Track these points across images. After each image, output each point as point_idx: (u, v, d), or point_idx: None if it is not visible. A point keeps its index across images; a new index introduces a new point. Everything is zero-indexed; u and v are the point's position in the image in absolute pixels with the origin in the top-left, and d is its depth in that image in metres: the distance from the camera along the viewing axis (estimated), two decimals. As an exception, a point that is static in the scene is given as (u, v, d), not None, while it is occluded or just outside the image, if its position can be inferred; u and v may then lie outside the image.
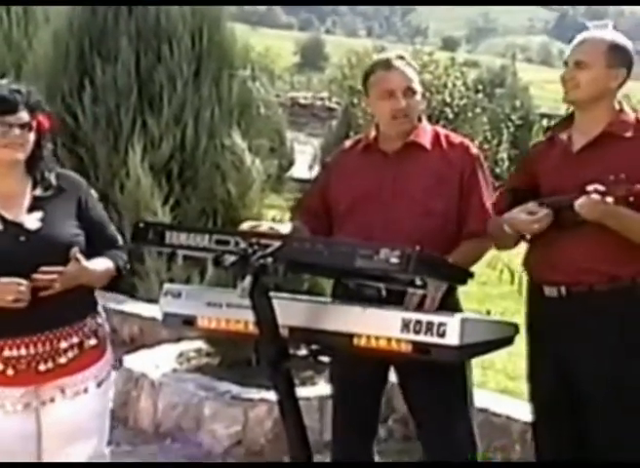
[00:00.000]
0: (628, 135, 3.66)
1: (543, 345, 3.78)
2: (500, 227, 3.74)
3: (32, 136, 3.33)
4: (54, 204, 3.39)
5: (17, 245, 3.28)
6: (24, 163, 3.37)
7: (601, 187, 3.45)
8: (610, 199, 3.44)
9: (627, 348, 3.69)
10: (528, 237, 3.77)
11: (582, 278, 3.61)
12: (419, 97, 3.93)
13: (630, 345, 3.70)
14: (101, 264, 3.38)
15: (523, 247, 3.89)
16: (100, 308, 3.54)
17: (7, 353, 3.29)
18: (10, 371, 3.30)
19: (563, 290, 3.67)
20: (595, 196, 3.42)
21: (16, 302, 3.16)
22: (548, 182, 3.72)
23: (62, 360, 3.35)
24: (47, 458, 3.45)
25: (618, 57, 3.71)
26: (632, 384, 3.68)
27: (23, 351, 3.30)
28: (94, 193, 3.56)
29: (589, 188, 3.45)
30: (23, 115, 3.29)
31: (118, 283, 3.56)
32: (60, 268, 3.20)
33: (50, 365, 3.33)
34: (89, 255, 3.34)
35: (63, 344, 3.34)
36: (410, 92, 3.88)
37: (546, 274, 3.71)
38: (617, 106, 3.73)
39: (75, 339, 3.37)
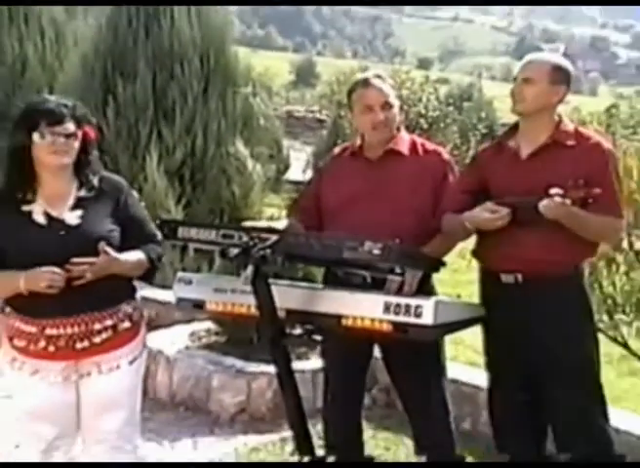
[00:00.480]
0: (570, 143, 3.68)
1: (499, 324, 3.78)
2: (457, 223, 3.72)
3: (77, 145, 3.32)
4: (94, 203, 3.37)
5: (57, 238, 3.27)
6: (72, 167, 3.37)
7: (561, 191, 3.46)
8: (568, 201, 3.46)
9: (573, 325, 3.72)
10: (471, 228, 3.75)
11: (537, 266, 3.61)
12: (395, 109, 3.91)
13: (575, 323, 3.73)
14: (133, 256, 3.34)
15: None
16: (137, 295, 3.51)
17: (48, 331, 3.30)
18: (51, 348, 3.31)
19: (519, 277, 3.67)
20: (558, 199, 3.43)
21: (49, 288, 3.16)
22: (499, 185, 3.70)
23: (97, 339, 3.34)
24: (85, 425, 3.45)
25: (559, 75, 3.72)
26: (576, 356, 3.70)
27: (62, 331, 3.30)
28: (134, 194, 3.52)
29: (552, 192, 3.46)
30: (69, 126, 3.28)
31: (154, 274, 3.49)
32: (90, 259, 3.19)
33: (86, 343, 3.33)
34: (125, 249, 3.32)
35: (98, 326, 3.33)
36: (387, 105, 3.88)
37: (503, 263, 3.70)
38: (556, 118, 3.74)
39: (109, 322, 3.35)
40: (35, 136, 3.25)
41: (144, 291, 6.85)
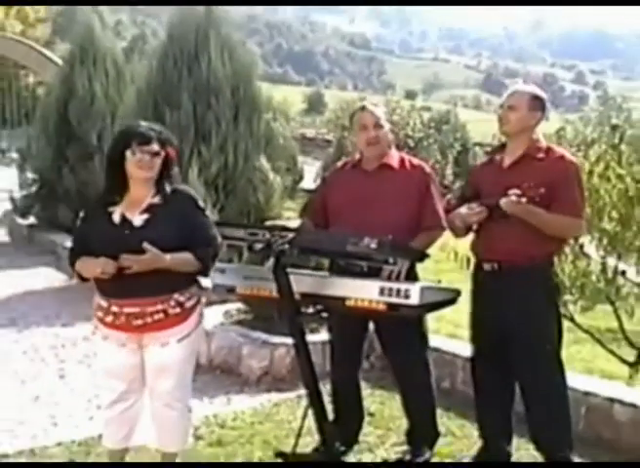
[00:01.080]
0: (540, 156, 3.69)
1: (483, 305, 3.76)
2: (450, 220, 3.76)
3: (159, 161, 3.33)
4: (162, 210, 3.35)
5: (122, 236, 3.29)
6: (155, 181, 3.37)
7: (518, 191, 3.49)
8: (524, 199, 3.48)
9: (541, 308, 3.70)
10: (474, 228, 3.77)
11: (509, 257, 3.61)
12: (385, 129, 3.92)
13: (543, 306, 3.71)
14: (181, 256, 3.28)
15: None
16: (193, 287, 3.44)
17: (113, 308, 3.34)
18: (116, 321, 3.35)
19: (496, 265, 3.67)
20: (513, 197, 3.48)
21: (103, 274, 3.20)
22: (487, 189, 3.74)
23: (149, 320, 3.33)
24: (148, 384, 3.49)
25: (536, 104, 3.73)
26: (543, 334, 3.68)
27: (122, 309, 3.32)
28: (200, 204, 3.45)
29: (510, 192, 3.50)
30: (155, 146, 3.31)
31: (206, 271, 3.41)
32: (134, 256, 3.19)
33: (140, 322, 3.33)
34: (182, 249, 3.28)
35: (150, 309, 3.32)
36: (378, 126, 3.88)
37: (485, 254, 3.73)
38: (534, 137, 3.73)
39: (160, 307, 3.33)
40: (128, 153, 3.29)
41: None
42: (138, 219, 3.33)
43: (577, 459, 3.77)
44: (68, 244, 3.70)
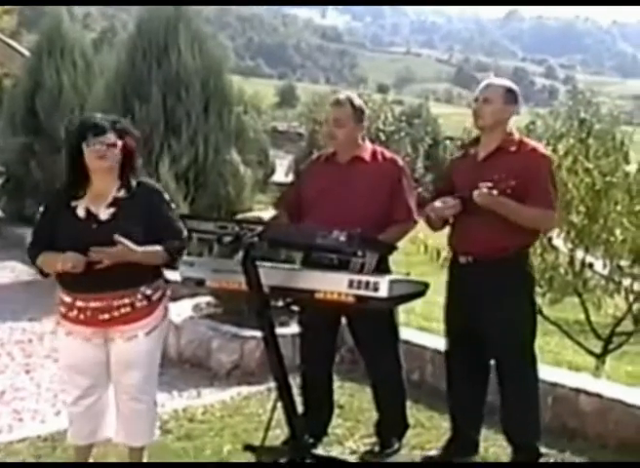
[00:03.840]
0: (513, 149, 3.72)
1: (457, 297, 3.79)
2: (425, 213, 3.79)
3: (116, 152, 3.29)
4: (128, 203, 3.32)
5: (89, 230, 3.26)
6: (117, 171, 3.33)
7: (489, 183, 3.51)
8: (495, 192, 3.51)
9: (516, 300, 3.73)
10: (450, 221, 3.78)
11: (484, 249, 3.63)
12: (348, 127, 3.87)
13: (518, 298, 3.74)
14: (150, 249, 3.26)
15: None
16: (159, 280, 3.42)
17: (79, 303, 3.32)
18: (81, 316, 3.33)
19: (471, 258, 3.69)
20: (484, 190, 3.50)
21: (73, 268, 3.17)
22: (462, 182, 3.76)
23: (116, 313, 3.32)
24: (113, 378, 3.46)
25: (510, 97, 3.75)
26: (518, 326, 3.72)
27: (88, 304, 3.30)
28: (165, 197, 3.43)
29: (481, 184, 3.52)
30: (110, 136, 3.27)
31: (175, 263, 3.39)
32: (105, 249, 3.16)
33: (107, 316, 3.31)
34: (151, 243, 3.26)
35: (117, 303, 3.30)
36: (339, 123, 3.87)
37: (460, 247, 3.75)
38: (508, 130, 3.76)
39: (127, 300, 3.31)
40: (84, 146, 3.26)
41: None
42: (104, 213, 3.31)
43: (543, 449, 3.82)
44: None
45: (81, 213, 3.31)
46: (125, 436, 3.51)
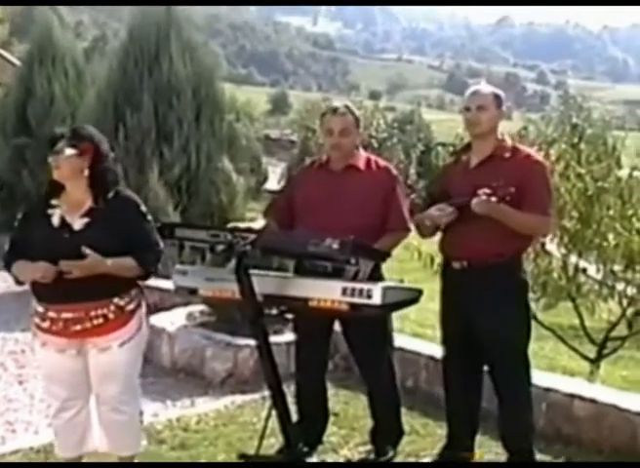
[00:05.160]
0: (507, 155, 3.72)
1: (452, 304, 3.78)
2: (419, 220, 3.76)
3: (74, 163, 3.29)
4: (102, 214, 3.31)
5: (61, 240, 3.25)
6: (87, 181, 3.32)
7: (488, 191, 3.50)
8: (494, 199, 3.50)
9: (508, 305, 3.72)
10: (442, 227, 3.77)
11: (479, 255, 3.62)
12: (352, 136, 3.88)
13: (513, 303, 3.73)
14: (122, 261, 3.26)
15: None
16: (133, 291, 3.40)
17: (50, 314, 3.30)
18: (54, 327, 3.31)
19: (465, 263, 3.68)
20: (484, 197, 3.48)
21: (42, 278, 3.17)
22: (455, 189, 3.74)
23: (88, 325, 3.30)
24: (93, 389, 3.44)
25: (499, 102, 3.75)
26: (513, 331, 3.71)
27: (60, 315, 3.28)
28: (142, 209, 3.42)
29: (479, 192, 3.51)
30: (66, 150, 3.28)
31: (149, 276, 3.42)
32: (76, 261, 3.15)
33: (79, 327, 3.30)
34: (125, 254, 3.26)
35: (91, 314, 3.28)
36: (345, 132, 3.86)
37: (454, 253, 3.73)
38: (499, 136, 3.76)
39: (99, 311, 3.29)
40: (48, 160, 3.31)
41: (151, 281, 6.86)
42: (78, 223, 3.30)
43: (538, 455, 3.82)
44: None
45: (55, 221, 3.31)
46: (109, 446, 3.50)
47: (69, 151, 3.28)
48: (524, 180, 3.59)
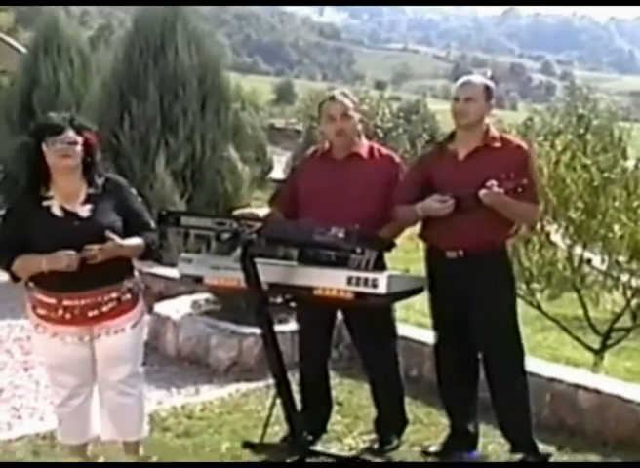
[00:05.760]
0: (497, 146, 3.72)
1: (444, 292, 3.78)
2: (410, 212, 3.72)
3: (78, 149, 3.27)
4: (101, 199, 3.33)
5: (72, 228, 3.25)
6: (80, 169, 3.31)
7: (496, 183, 3.50)
8: (501, 190, 3.50)
9: (503, 290, 3.76)
10: (422, 215, 3.74)
11: (474, 244, 3.63)
12: (354, 120, 3.86)
13: (504, 288, 3.77)
14: (134, 242, 3.32)
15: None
16: (135, 272, 3.47)
17: (66, 303, 3.29)
18: (68, 316, 3.30)
19: (461, 252, 3.68)
20: (495, 189, 3.48)
21: (68, 267, 3.15)
22: (442, 180, 3.70)
23: (105, 309, 3.32)
24: (99, 375, 3.45)
25: (489, 94, 3.75)
26: (509, 317, 3.74)
27: (77, 302, 3.29)
28: (133, 191, 3.48)
29: (488, 184, 3.50)
30: (70, 134, 3.24)
31: (153, 255, 3.47)
32: (99, 245, 3.17)
33: (95, 312, 3.32)
34: (126, 236, 3.29)
35: (105, 298, 3.32)
36: (346, 116, 3.84)
37: (448, 242, 3.71)
38: (484, 127, 3.75)
39: (114, 295, 3.34)
40: (44, 147, 3.23)
41: (156, 269, 6.91)
42: (83, 210, 3.30)
43: (541, 445, 3.82)
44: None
45: (57, 211, 3.29)
46: (114, 432, 3.52)
47: (79, 140, 3.27)
48: (517, 170, 3.58)
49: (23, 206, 3.33)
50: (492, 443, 4.03)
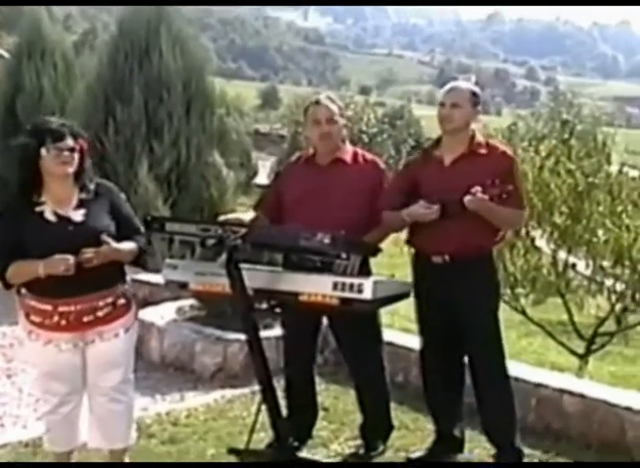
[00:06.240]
0: (483, 152, 3.74)
1: (430, 297, 3.78)
2: (397, 217, 3.73)
3: (76, 156, 3.28)
4: (93, 204, 3.34)
5: (67, 232, 3.25)
6: (73, 175, 3.31)
7: (479, 188, 3.51)
8: (486, 197, 3.51)
9: (490, 298, 3.78)
10: (409, 221, 3.75)
11: (460, 249, 3.64)
12: (339, 125, 3.86)
13: (489, 294, 3.79)
14: (127, 246, 3.33)
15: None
16: (127, 277, 3.48)
17: (61, 308, 3.28)
18: (63, 322, 3.29)
19: (447, 258, 3.69)
20: (480, 195, 3.49)
21: (65, 271, 3.14)
22: (429, 186, 3.71)
23: (100, 314, 3.32)
24: (90, 382, 3.43)
25: (475, 100, 3.76)
26: (493, 323, 3.75)
27: (73, 307, 3.28)
28: (122, 196, 3.50)
29: (473, 190, 3.51)
30: (69, 141, 3.24)
31: (142, 259, 3.47)
32: (95, 249, 3.17)
33: (91, 317, 3.31)
34: (118, 240, 3.30)
35: (100, 303, 3.31)
36: (331, 121, 3.84)
37: (434, 247, 3.72)
38: (470, 133, 3.76)
39: (110, 299, 3.34)
40: (43, 151, 3.21)
41: (140, 275, 6.87)
42: (76, 215, 3.30)
43: (527, 450, 3.83)
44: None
45: (50, 216, 3.28)
46: (101, 439, 3.49)
47: (77, 147, 3.28)
48: (502, 177, 3.59)
49: (15, 211, 3.31)
50: (477, 447, 4.03)
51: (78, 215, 3.30)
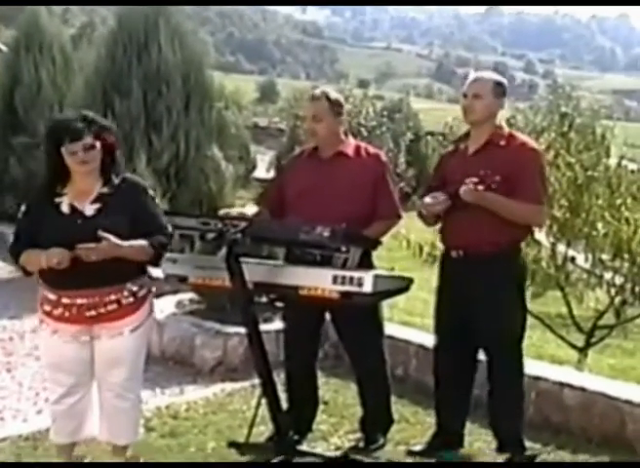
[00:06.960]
0: (502, 143, 3.72)
1: (448, 293, 3.78)
2: (420, 211, 3.79)
3: (96, 152, 3.25)
4: (112, 198, 3.30)
5: (74, 225, 3.25)
6: (98, 168, 3.30)
7: (475, 179, 3.51)
8: (481, 187, 3.50)
9: (507, 296, 3.71)
10: (440, 216, 3.75)
11: (476, 244, 3.62)
12: (326, 122, 3.83)
13: (509, 293, 3.72)
14: (136, 243, 3.24)
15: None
16: (144, 277, 3.40)
17: (64, 300, 3.28)
18: (67, 313, 3.29)
19: (462, 252, 3.69)
20: (471, 185, 3.50)
21: (58, 265, 3.13)
22: (452, 177, 3.74)
23: (103, 310, 3.29)
24: (97, 376, 3.44)
25: (500, 90, 3.75)
26: (509, 321, 3.71)
27: (74, 300, 3.27)
28: (150, 192, 3.42)
29: (467, 180, 3.52)
30: (87, 140, 3.22)
31: (160, 259, 3.36)
32: (92, 244, 3.14)
33: (93, 312, 3.29)
34: (135, 237, 3.23)
35: (104, 299, 3.28)
36: (316, 118, 3.84)
37: (451, 241, 3.76)
38: (497, 124, 3.75)
39: (113, 297, 3.29)
40: (63, 150, 3.23)
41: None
42: (89, 209, 3.29)
43: (527, 443, 3.83)
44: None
45: (65, 209, 3.29)
46: (109, 434, 3.49)
47: (98, 145, 3.25)
48: (517, 168, 3.58)
49: (38, 202, 3.35)
50: (478, 441, 4.04)
51: (91, 209, 3.29)
